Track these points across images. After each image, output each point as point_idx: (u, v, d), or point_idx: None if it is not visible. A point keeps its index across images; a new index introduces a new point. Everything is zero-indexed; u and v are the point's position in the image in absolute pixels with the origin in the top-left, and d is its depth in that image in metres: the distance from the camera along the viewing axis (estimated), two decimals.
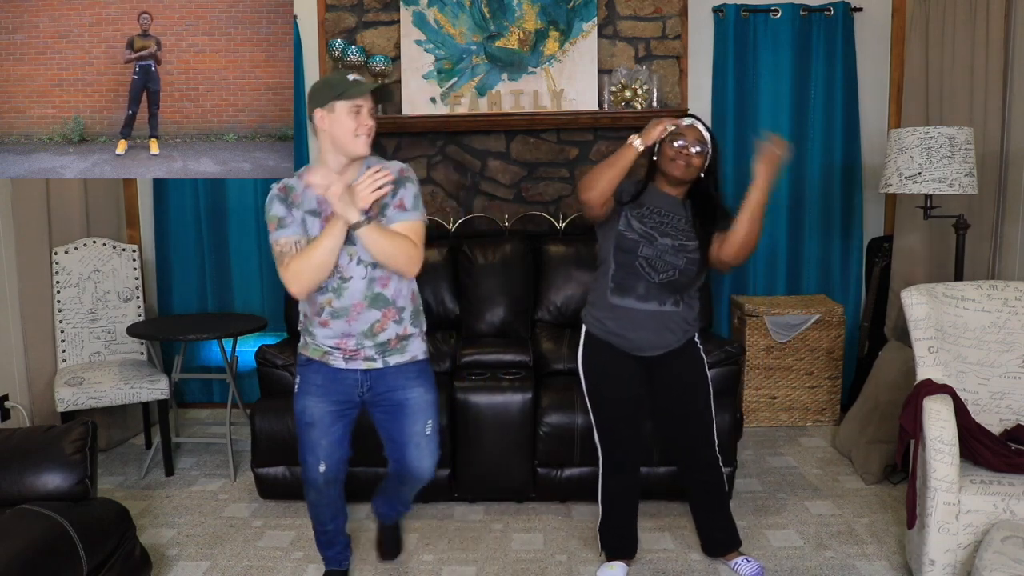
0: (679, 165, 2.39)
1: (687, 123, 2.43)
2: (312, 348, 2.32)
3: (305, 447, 2.36)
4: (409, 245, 2.18)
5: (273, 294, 4.33)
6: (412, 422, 2.33)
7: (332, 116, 2.14)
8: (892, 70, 4.17)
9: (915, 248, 3.76)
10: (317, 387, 2.31)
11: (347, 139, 2.14)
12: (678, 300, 2.45)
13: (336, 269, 2.19)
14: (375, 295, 2.24)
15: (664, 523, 3.01)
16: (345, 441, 2.38)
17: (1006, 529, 2.12)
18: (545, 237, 3.87)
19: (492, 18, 4.02)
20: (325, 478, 2.36)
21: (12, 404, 3.46)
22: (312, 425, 2.32)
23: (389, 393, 2.32)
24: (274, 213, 2.22)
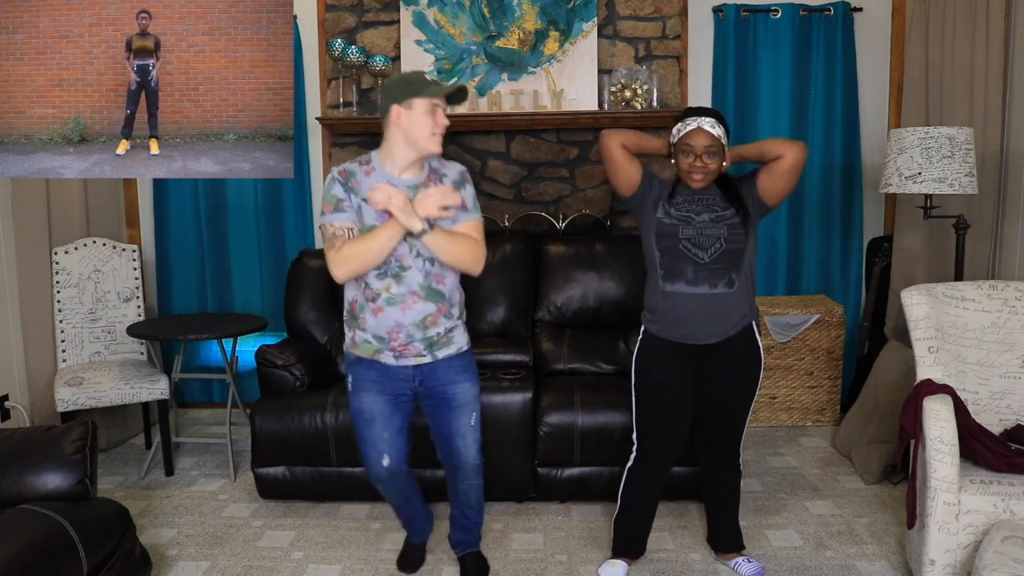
0: (696, 178, 2.37)
1: (692, 127, 2.36)
2: (363, 346, 2.33)
3: (367, 443, 2.37)
4: (474, 244, 2.26)
5: (273, 294, 4.33)
6: (459, 415, 2.38)
7: (409, 113, 2.17)
8: (892, 70, 4.17)
9: (915, 248, 3.76)
10: (372, 382, 2.34)
11: (423, 137, 2.18)
12: (731, 280, 2.39)
13: (395, 258, 2.22)
14: (432, 289, 2.28)
15: (664, 523, 3.01)
16: (405, 432, 2.40)
17: (1006, 529, 2.12)
18: (545, 237, 3.87)
19: (492, 18, 4.02)
20: (389, 472, 2.38)
21: (12, 404, 3.46)
22: (372, 420, 2.35)
23: (439, 388, 2.36)
24: (333, 194, 2.22)
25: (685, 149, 2.37)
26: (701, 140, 2.35)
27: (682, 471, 3.06)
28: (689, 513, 3.09)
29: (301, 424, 3.08)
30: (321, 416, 3.08)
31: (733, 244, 2.38)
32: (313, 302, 3.68)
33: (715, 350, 2.44)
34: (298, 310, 3.67)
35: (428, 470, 3.03)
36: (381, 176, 2.23)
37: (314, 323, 3.65)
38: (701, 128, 2.35)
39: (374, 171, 2.24)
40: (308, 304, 3.67)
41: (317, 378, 3.33)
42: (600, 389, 3.16)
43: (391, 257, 2.22)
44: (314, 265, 3.75)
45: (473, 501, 2.56)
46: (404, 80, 2.20)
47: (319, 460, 3.12)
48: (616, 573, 2.62)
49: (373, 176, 2.23)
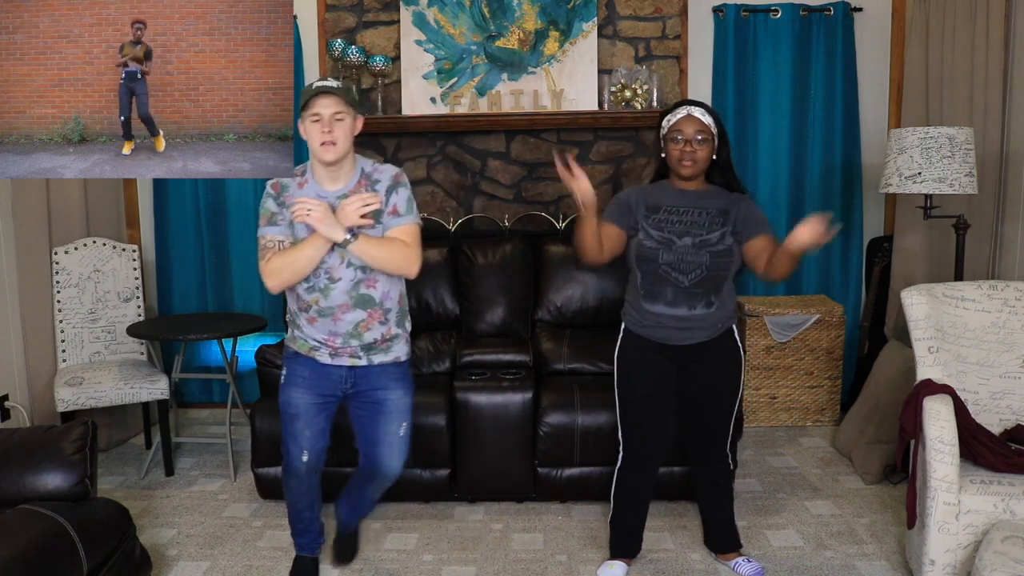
0: (686, 164, 2.37)
1: (682, 114, 2.38)
2: (300, 342, 2.38)
3: (289, 437, 2.42)
4: (403, 247, 2.24)
5: (273, 294, 4.32)
6: (388, 422, 2.40)
7: (303, 126, 2.21)
8: (892, 70, 4.17)
9: (915, 248, 3.76)
10: (303, 379, 2.38)
11: (314, 148, 2.21)
12: (710, 301, 2.40)
13: (325, 270, 2.24)
14: (361, 296, 2.28)
15: (664, 523, 3.01)
16: (327, 432, 2.44)
17: (1006, 529, 2.12)
18: (545, 237, 3.87)
19: (492, 18, 4.02)
20: (307, 467, 2.42)
21: (12, 404, 3.46)
22: (296, 416, 2.39)
23: (371, 391, 2.38)
24: (267, 207, 2.29)
25: (674, 135, 2.37)
26: (691, 126, 2.35)
27: (681, 471, 3.06)
28: (689, 513, 3.09)
29: None
30: None
31: (715, 272, 2.39)
32: None
33: (695, 349, 2.46)
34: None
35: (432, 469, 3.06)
36: (311, 188, 2.26)
37: None
38: (691, 115, 2.36)
39: (307, 183, 2.27)
40: None
41: None
42: (600, 389, 3.16)
43: (320, 270, 2.24)
44: None
45: (375, 498, 2.59)
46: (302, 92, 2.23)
47: None
48: (615, 574, 2.62)
49: (306, 188, 2.26)
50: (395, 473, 2.46)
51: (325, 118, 2.16)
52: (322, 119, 2.16)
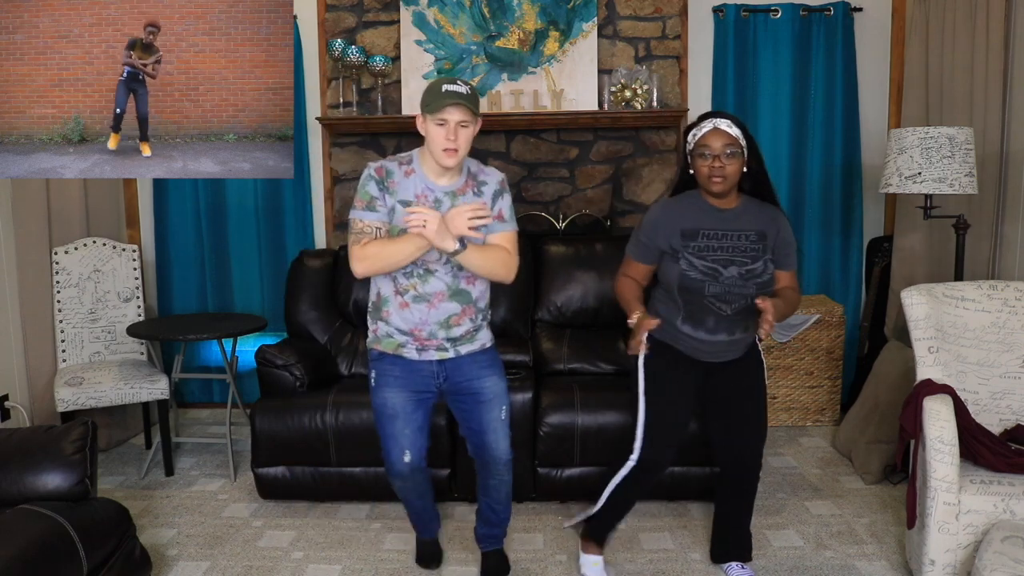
0: (716, 181, 2.27)
1: (708, 128, 2.28)
2: (385, 341, 2.34)
3: (388, 439, 2.37)
4: (506, 255, 2.25)
5: (273, 294, 4.33)
6: (489, 409, 2.39)
7: (425, 125, 2.19)
8: (892, 70, 4.17)
9: (915, 248, 3.76)
10: (396, 378, 2.34)
11: (435, 151, 2.18)
12: (747, 326, 2.38)
13: (422, 261, 2.23)
14: (459, 289, 2.28)
15: (664, 523, 3.01)
16: (426, 429, 2.41)
17: (1006, 529, 2.12)
18: (545, 237, 3.87)
19: (492, 18, 4.02)
20: (410, 467, 2.39)
21: (12, 404, 3.46)
22: (395, 416, 2.35)
23: (466, 383, 2.37)
24: (367, 191, 2.23)
25: (702, 151, 2.28)
26: (718, 140, 2.26)
27: (682, 471, 3.06)
28: (689, 513, 3.09)
29: (301, 424, 3.08)
30: (321, 416, 3.08)
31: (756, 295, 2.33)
32: (313, 302, 3.68)
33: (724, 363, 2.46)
34: (298, 310, 3.67)
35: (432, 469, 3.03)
36: (419, 179, 2.23)
37: (314, 323, 3.65)
38: (717, 128, 2.27)
39: (414, 172, 2.24)
40: (308, 304, 3.67)
41: (317, 378, 3.32)
42: (600, 389, 3.16)
43: (418, 260, 2.22)
44: (314, 265, 3.75)
45: (503, 496, 2.54)
46: (428, 88, 2.20)
47: (319, 460, 3.12)
48: (599, 571, 2.63)
49: (412, 178, 2.23)
50: (505, 455, 2.43)
51: (451, 125, 2.14)
52: (448, 125, 2.14)
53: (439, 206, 2.22)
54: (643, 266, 2.43)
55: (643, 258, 2.43)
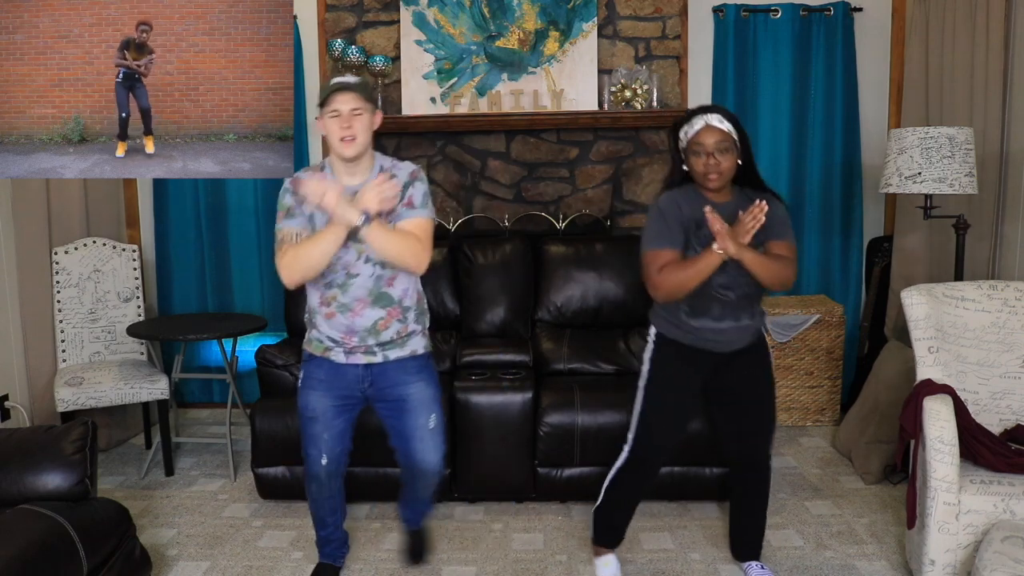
0: (712, 178, 2.28)
1: (700, 125, 2.28)
2: (315, 343, 2.37)
3: (308, 441, 2.41)
4: (415, 242, 2.22)
5: (273, 294, 4.33)
6: (415, 416, 2.37)
7: (322, 122, 2.23)
8: (892, 70, 4.17)
9: (915, 248, 3.76)
10: (320, 382, 2.36)
11: (334, 144, 2.21)
12: (753, 312, 2.38)
13: (342, 265, 2.24)
14: (380, 293, 2.28)
15: (664, 523, 3.01)
16: (347, 435, 2.43)
17: (1006, 529, 2.12)
18: (545, 237, 3.87)
19: (492, 18, 4.02)
20: (327, 471, 2.41)
21: (12, 404, 3.46)
22: (315, 419, 2.37)
23: (391, 388, 2.36)
24: (284, 203, 2.27)
25: (696, 149, 2.28)
26: (711, 137, 2.26)
27: (682, 471, 3.06)
28: (689, 513, 3.09)
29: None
30: None
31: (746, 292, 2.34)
32: None
33: (732, 354, 2.43)
34: (298, 310, 3.65)
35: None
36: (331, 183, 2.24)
37: None
38: (709, 125, 2.27)
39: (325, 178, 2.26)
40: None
41: None
42: (600, 389, 3.16)
43: (338, 266, 2.23)
44: None
45: (427, 497, 2.56)
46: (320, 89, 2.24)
47: None
48: (612, 571, 2.61)
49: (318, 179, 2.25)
50: (434, 467, 2.41)
51: (344, 114, 2.16)
52: (341, 115, 2.17)
53: None
54: (675, 252, 2.33)
55: (673, 241, 2.33)
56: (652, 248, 2.33)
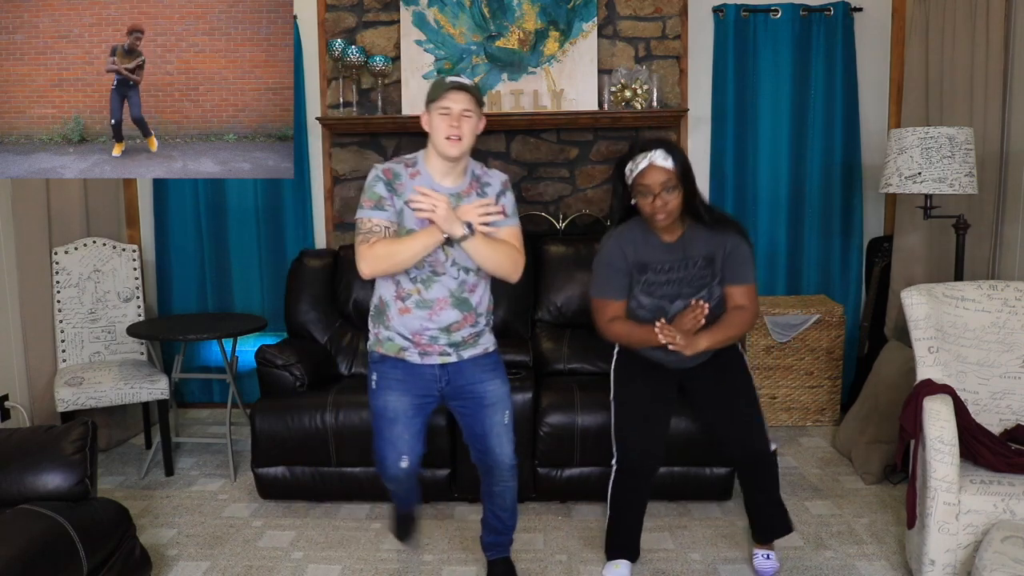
0: (660, 218, 2.31)
1: (643, 166, 2.29)
2: (387, 344, 2.33)
3: (386, 443, 2.36)
4: (514, 251, 2.24)
5: (273, 294, 4.33)
6: (492, 413, 2.36)
7: (428, 118, 2.21)
8: (892, 70, 4.17)
9: (915, 248, 3.76)
10: (398, 382, 2.33)
11: (438, 141, 2.18)
12: None
13: (429, 264, 2.22)
14: (462, 298, 2.28)
15: (664, 523, 3.01)
16: (423, 435, 2.40)
17: (1006, 529, 2.12)
18: (545, 237, 3.87)
19: (492, 18, 4.02)
20: (406, 472, 2.38)
21: (12, 404, 3.46)
22: (396, 420, 2.33)
23: (468, 387, 2.35)
24: (376, 191, 2.21)
25: (642, 190, 2.30)
26: (656, 177, 2.28)
27: (682, 471, 3.06)
28: (689, 513, 3.09)
29: (301, 424, 3.08)
30: (321, 416, 3.08)
31: (708, 323, 2.36)
32: (313, 302, 3.68)
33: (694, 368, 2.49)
34: (298, 310, 3.67)
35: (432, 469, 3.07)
36: (425, 180, 2.22)
37: (314, 323, 3.65)
38: (652, 164, 2.28)
39: (419, 174, 2.23)
40: (308, 304, 3.67)
41: (317, 378, 3.33)
42: (600, 389, 3.15)
43: (425, 263, 2.21)
44: (314, 265, 3.76)
45: (508, 503, 2.50)
46: (432, 84, 2.22)
47: (319, 460, 3.12)
48: (621, 573, 2.60)
49: (418, 180, 2.22)
50: (510, 461, 2.39)
51: (455, 113, 2.15)
52: (451, 113, 2.15)
53: None
54: (620, 303, 2.40)
55: (618, 293, 2.41)
56: (599, 297, 2.44)
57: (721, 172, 4.18)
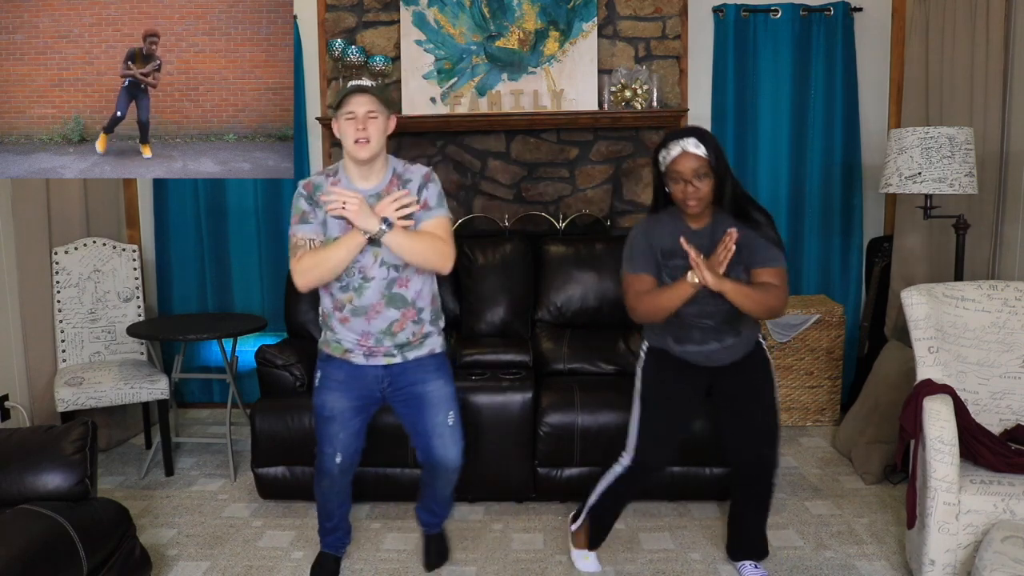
0: (691, 204, 2.29)
1: (675, 153, 2.27)
2: (333, 345, 2.38)
3: (323, 438, 2.43)
4: (438, 241, 2.24)
5: (273, 294, 4.33)
6: (434, 413, 2.39)
7: (337, 125, 2.24)
8: (892, 70, 4.17)
9: (915, 248, 3.76)
10: (338, 383, 2.38)
11: (348, 146, 2.22)
12: (738, 332, 2.40)
13: (359, 269, 2.25)
14: (393, 295, 2.29)
15: (664, 523, 3.01)
16: (362, 434, 2.46)
17: (1006, 529, 2.12)
18: (545, 237, 3.87)
19: (492, 18, 4.02)
20: (340, 468, 2.45)
21: (12, 404, 3.46)
22: (332, 419, 2.40)
23: (409, 387, 2.38)
24: (299, 206, 2.28)
25: (674, 176, 2.28)
26: (688, 164, 2.25)
27: (682, 471, 3.06)
28: (689, 513, 3.09)
29: (301, 424, 3.08)
30: None
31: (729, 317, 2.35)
32: (313, 302, 3.65)
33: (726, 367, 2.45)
34: (298, 310, 3.67)
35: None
36: (345, 186, 2.25)
37: (314, 323, 3.65)
38: (685, 151, 2.26)
39: (339, 182, 2.28)
40: (308, 304, 3.67)
41: None
42: (600, 389, 3.16)
43: (354, 268, 2.25)
44: None
45: (447, 495, 2.57)
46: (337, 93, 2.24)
47: None
48: (591, 565, 2.64)
49: (338, 187, 2.24)
50: (454, 463, 2.43)
51: (359, 116, 2.18)
52: (356, 117, 2.18)
53: None
54: (651, 278, 2.37)
55: (647, 268, 2.38)
56: (630, 271, 2.41)
57: None
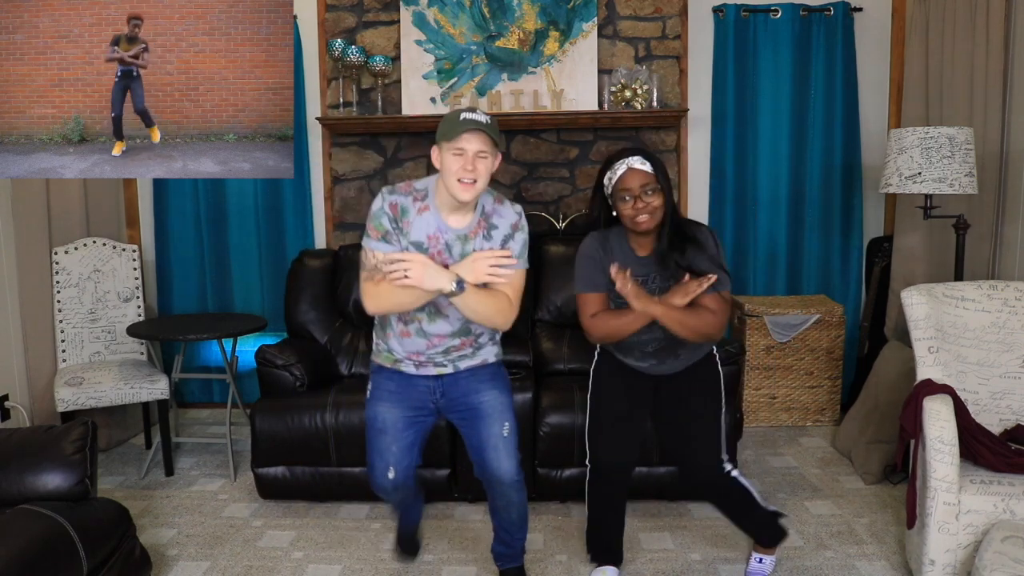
0: (642, 220, 2.23)
1: (622, 171, 2.24)
2: (384, 355, 2.31)
3: (374, 451, 2.32)
4: (504, 302, 2.15)
5: (273, 294, 4.33)
6: (488, 425, 2.28)
7: (439, 155, 2.09)
8: (892, 70, 4.17)
9: (915, 248, 3.76)
10: (390, 393, 2.30)
11: (450, 183, 2.06)
12: (677, 354, 2.40)
13: (433, 303, 2.17)
14: (463, 329, 2.24)
15: (664, 523, 3.01)
16: (415, 448, 2.34)
17: (1006, 529, 2.12)
18: (545, 237, 3.87)
19: (492, 18, 4.02)
20: (393, 484, 2.33)
21: (12, 404, 3.46)
22: (383, 431, 2.29)
23: (463, 398, 2.30)
24: (382, 223, 2.13)
25: (622, 195, 2.24)
26: (636, 179, 2.22)
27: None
28: (689, 513, 3.09)
29: (301, 424, 3.08)
30: (321, 416, 3.08)
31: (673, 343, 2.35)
32: (313, 302, 3.68)
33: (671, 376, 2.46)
34: (298, 310, 3.67)
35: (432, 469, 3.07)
36: (433, 217, 2.14)
37: (314, 323, 3.65)
38: (632, 168, 2.24)
39: (427, 210, 2.14)
40: (308, 304, 3.67)
41: (317, 378, 3.33)
42: None
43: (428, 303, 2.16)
44: (314, 265, 3.75)
45: (514, 517, 2.43)
46: (445, 117, 2.11)
47: (319, 460, 3.12)
48: None
49: (426, 216, 2.14)
50: (509, 476, 2.29)
51: (469, 155, 2.03)
52: (465, 155, 2.03)
53: (449, 250, 2.15)
54: (602, 296, 2.35)
55: (598, 286, 2.34)
56: (582, 291, 2.37)
57: (721, 172, 4.18)
